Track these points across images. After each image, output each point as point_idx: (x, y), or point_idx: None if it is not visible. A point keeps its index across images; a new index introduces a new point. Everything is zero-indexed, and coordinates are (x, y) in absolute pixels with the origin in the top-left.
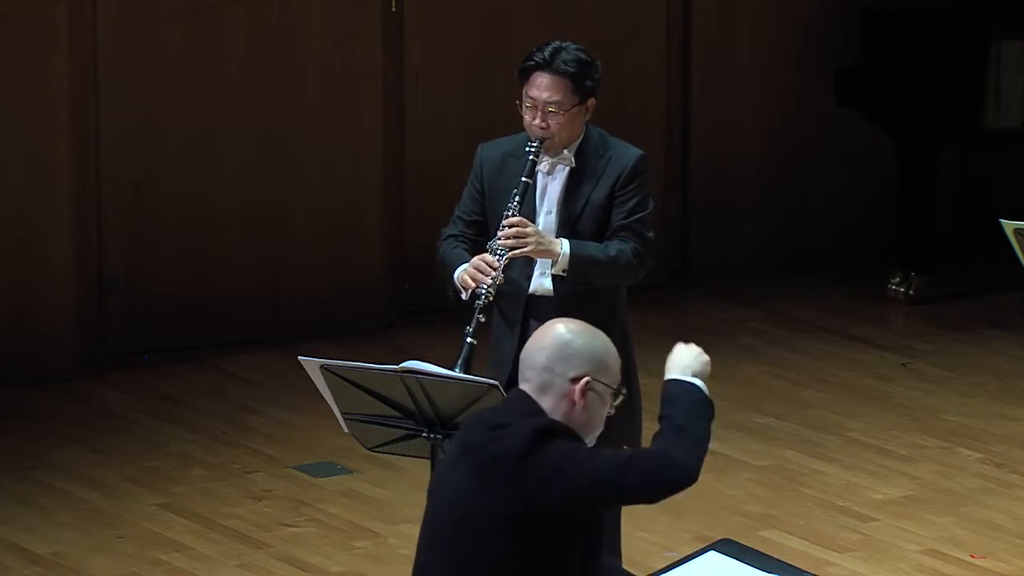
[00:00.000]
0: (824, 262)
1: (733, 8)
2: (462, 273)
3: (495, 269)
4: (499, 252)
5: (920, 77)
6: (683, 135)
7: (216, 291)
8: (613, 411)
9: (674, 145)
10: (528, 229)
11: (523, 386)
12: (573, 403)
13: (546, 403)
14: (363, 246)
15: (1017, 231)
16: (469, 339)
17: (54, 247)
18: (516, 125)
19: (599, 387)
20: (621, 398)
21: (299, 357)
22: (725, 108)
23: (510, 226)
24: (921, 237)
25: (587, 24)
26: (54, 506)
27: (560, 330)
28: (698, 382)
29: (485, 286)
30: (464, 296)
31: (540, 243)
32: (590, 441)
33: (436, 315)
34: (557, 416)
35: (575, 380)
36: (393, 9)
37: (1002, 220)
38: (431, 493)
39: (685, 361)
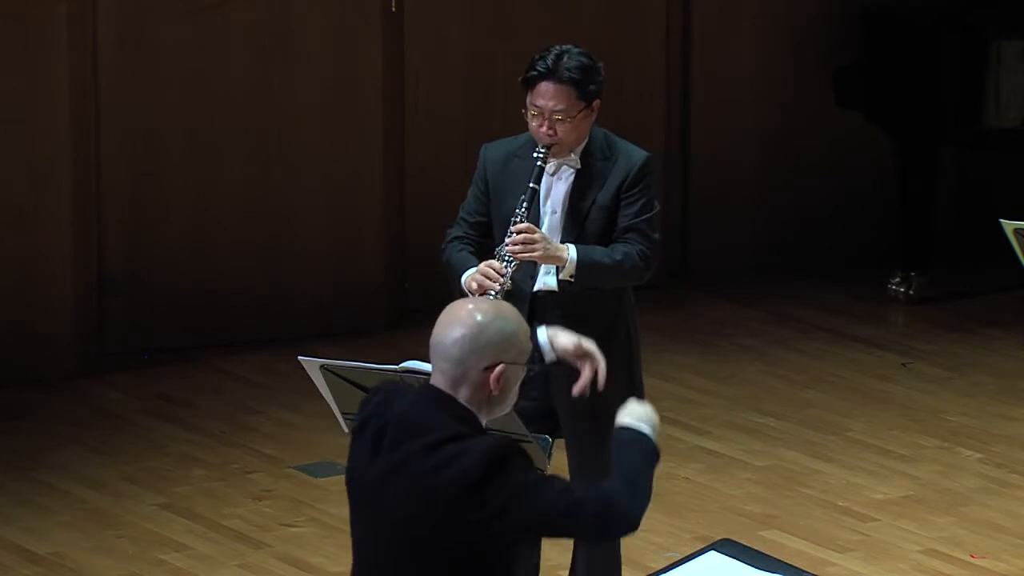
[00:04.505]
0: (824, 262)
1: (733, 8)
2: (469, 279)
3: (503, 276)
4: (507, 259)
5: (920, 77)
6: (683, 135)
7: (216, 291)
8: (531, 372)
9: (674, 145)
10: (536, 235)
11: (436, 378)
12: (490, 391)
13: (462, 395)
14: (363, 246)
15: (1017, 231)
16: None
17: (54, 247)
18: (516, 125)
19: (513, 368)
20: (535, 365)
21: (299, 357)
22: (725, 108)
23: (518, 232)
24: (921, 237)
25: (587, 24)
26: (54, 506)
27: (469, 318)
28: (649, 431)
29: (493, 292)
30: None
31: (547, 249)
32: (505, 409)
33: (436, 315)
34: (475, 405)
35: (489, 369)
36: (393, 9)
37: (1002, 220)
38: (360, 500)
39: (638, 412)
